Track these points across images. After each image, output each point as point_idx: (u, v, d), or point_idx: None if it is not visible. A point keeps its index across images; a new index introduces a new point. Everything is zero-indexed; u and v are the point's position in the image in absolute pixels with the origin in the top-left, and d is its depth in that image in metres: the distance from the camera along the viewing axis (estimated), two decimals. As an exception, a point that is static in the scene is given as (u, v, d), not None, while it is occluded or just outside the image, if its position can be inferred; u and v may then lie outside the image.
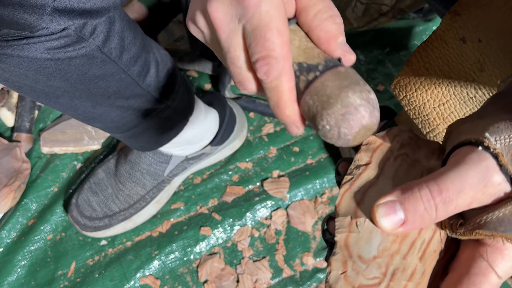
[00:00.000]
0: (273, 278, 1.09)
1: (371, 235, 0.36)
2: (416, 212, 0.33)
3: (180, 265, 1.10)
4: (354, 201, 0.37)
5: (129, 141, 0.97)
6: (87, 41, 0.66)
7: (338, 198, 0.38)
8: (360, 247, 0.35)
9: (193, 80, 1.31)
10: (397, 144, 0.40)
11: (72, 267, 1.10)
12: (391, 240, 0.35)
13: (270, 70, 0.40)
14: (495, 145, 0.32)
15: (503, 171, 0.32)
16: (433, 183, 0.33)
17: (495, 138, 0.33)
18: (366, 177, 0.38)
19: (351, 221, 0.36)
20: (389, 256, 0.35)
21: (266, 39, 0.40)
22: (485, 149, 0.32)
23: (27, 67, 0.65)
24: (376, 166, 0.39)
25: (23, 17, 0.57)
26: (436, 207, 0.32)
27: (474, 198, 0.32)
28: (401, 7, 1.12)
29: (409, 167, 0.39)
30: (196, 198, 1.17)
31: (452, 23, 0.61)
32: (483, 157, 0.32)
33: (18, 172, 1.13)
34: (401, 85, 0.69)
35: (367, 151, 0.39)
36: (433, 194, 0.32)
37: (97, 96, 0.76)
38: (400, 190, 0.34)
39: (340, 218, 0.37)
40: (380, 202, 0.34)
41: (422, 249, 0.36)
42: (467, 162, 0.33)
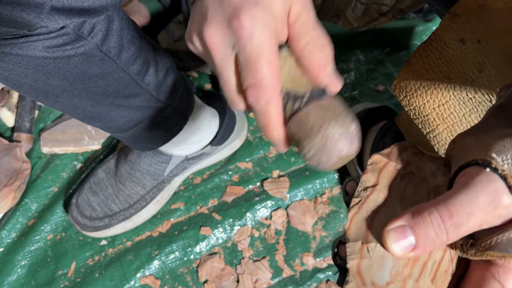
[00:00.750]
0: (273, 278, 1.10)
1: (383, 260, 0.35)
2: (427, 237, 0.33)
3: (180, 265, 1.10)
4: (363, 225, 0.37)
5: (129, 141, 0.97)
6: (86, 39, 0.66)
7: (347, 223, 0.37)
8: (373, 273, 0.35)
9: (193, 80, 1.31)
10: (402, 163, 0.39)
11: (72, 267, 1.10)
12: (403, 264, 0.35)
13: (260, 98, 0.44)
14: (503, 166, 0.32)
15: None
16: (443, 207, 0.32)
17: (502, 158, 0.32)
18: (374, 199, 0.38)
19: (362, 246, 0.36)
20: (402, 280, 0.35)
21: (257, 69, 0.43)
22: (493, 170, 0.32)
23: (26, 65, 0.65)
24: (383, 187, 0.38)
25: (21, 15, 0.57)
26: (447, 231, 0.32)
27: (484, 220, 0.32)
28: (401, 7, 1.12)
29: (415, 186, 0.38)
30: (196, 198, 1.17)
31: (452, 24, 0.61)
32: (492, 179, 0.32)
33: (18, 172, 1.13)
34: (401, 85, 0.69)
35: (373, 171, 0.39)
36: (444, 218, 0.32)
37: (97, 95, 0.76)
38: (410, 214, 0.33)
39: (350, 243, 0.37)
40: (390, 228, 0.34)
41: (433, 271, 0.35)
42: (476, 185, 0.32)
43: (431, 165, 0.39)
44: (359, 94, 1.30)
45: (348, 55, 1.34)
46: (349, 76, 1.32)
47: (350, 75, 1.32)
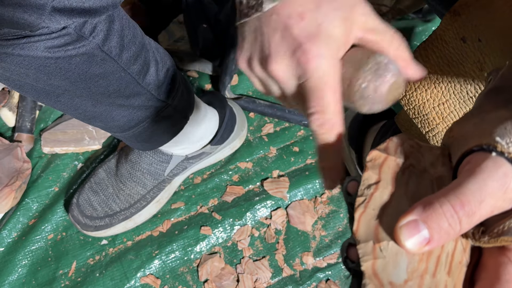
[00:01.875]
0: (273, 278, 1.10)
1: (397, 258, 0.34)
2: (440, 229, 0.32)
3: (180, 265, 1.11)
4: (372, 224, 0.36)
5: (130, 141, 0.97)
6: (87, 39, 0.66)
7: (355, 224, 0.36)
8: (389, 273, 0.34)
9: (193, 80, 1.31)
10: (401, 156, 0.39)
11: (73, 266, 1.10)
12: (418, 259, 0.34)
13: (323, 124, 0.46)
14: (509, 148, 0.32)
15: None
16: (454, 197, 0.32)
17: (506, 141, 0.32)
18: (379, 196, 0.37)
19: (374, 246, 0.35)
20: (419, 277, 0.34)
21: (322, 98, 0.45)
22: (499, 154, 0.32)
23: (27, 66, 0.65)
24: (387, 183, 0.38)
25: (23, 16, 0.57)
26: (460, 221, 0.32)
27: (495, 206, 0.32)
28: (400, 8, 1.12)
29: (418, 179, 0.38)
30: (196, 198, 1.17)
31: (452, 23, 0.62)
32: (500, 163, 0.32)
33: (19, 172, 1.13)
34: (401, 84, 0.70)
35: (374, 168, 0.39)
36: (456, 208, 0.32)
37: (98, 95, 0.76)
38: (421, 207, 0.33)
39: (361, 245, 0.35)
40: (402, 223, 0.33)
41: (448, 263, 0.35)
42: (484, 171, 0.32)
43: (430, 155, 0.39)
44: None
45: (348, 56, 1.35)
46: (349, 76, 1.32)
47: (349, 75, 1.32)
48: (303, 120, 1.25)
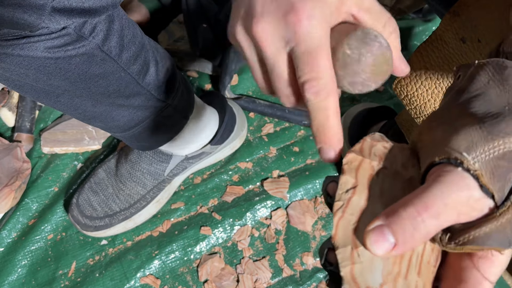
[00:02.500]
0: (273, 278, 1.10)
1: (373, 262, 0.35)
2: (405, 232, 0.33)
3: (180, 265, 1.10)
4: (350, 230, 0.37)
5: (130, 141, 0.97)
6: (87, 39, 0.66)
7: (333, 229, 0.37)
8: (366, 277, 0.35)
9: (193, 80, 1.31)
10: (375, 158, 0.39)
11: (73, 266, 1.10)
12: (392, 262, 0.35)
13: (320, 91, 0.42)
14: (474, 165, 0.33)
15: (483, 191, 0.33)
16: (418, 200, 0.33)
17: (472, 156, 0.33)
18: (356, 201, 0.38)
19: (351, 251, 0.36)
20: (393, 280, 0.35)
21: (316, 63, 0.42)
22: (465, 170, 0.33)
23: (27, 66, 0.65)
24: (363, 187, 0.38)
25: (23, 17, 0.57)
26: (424, 222, 0.32)
27: (461, 212, 0.33)
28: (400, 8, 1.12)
29: (391, 181, 0.38)
30: (196, 198, 1.17)
31: (452, 23, 0.62)
32: (464, 175, 0.33)
33: (19, 172, 1.13)
34: (402, 84, 0.70)
35: (351, 172, 0.39)
36: (420, 210, 0.32)
37: (97, 95, 0.76)
38: (385, 214, 0.34)
39: (340, 250, 0.36)
40: (369, 229, 0.34)
41: (418, 264, 0.36)
42: (448, 181, 0.33)
43: (401, 156, 0.39)
44: (359, 94, 1.30)
45: (348, 55, 1.34)
46: (349, 76, 1.32)
47: (350, 75, 1.32)
48: (303, 120, 1.24)
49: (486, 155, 0.33)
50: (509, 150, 0.33)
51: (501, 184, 0.33)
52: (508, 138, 0.33)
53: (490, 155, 0.33)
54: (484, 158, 0.33)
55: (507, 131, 0.33)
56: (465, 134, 0.34)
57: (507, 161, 0.33)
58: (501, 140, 0.33)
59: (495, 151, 0.33)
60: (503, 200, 0.33)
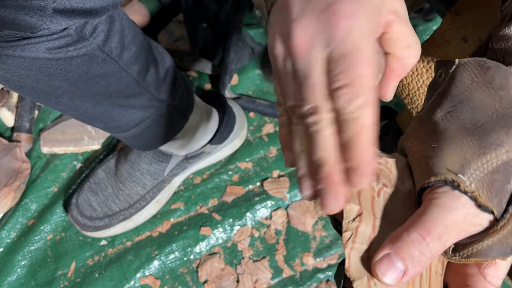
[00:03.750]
0: (273, 278, 1.09)
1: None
2: (413, 258, 0.33)
3: (180, 265, 1.10)
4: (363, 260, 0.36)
5: (130, 141, 0.97)
6: (88, 40, 0.66)
7: (346, 261, 0.36)
8: None
9: (193, 80, 1.31)
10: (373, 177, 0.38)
11: (72, 267, 1.10)
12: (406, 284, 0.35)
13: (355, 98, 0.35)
14: (471, 185, 0.33)
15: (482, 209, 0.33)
16: (419, 225, 0.33)
17: (468, 176, 0.33)
18: (364, 229, 0.37)
19: (368, 282, 0.35)
20: None
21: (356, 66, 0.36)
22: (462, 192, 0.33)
23: (28, 67, 0.65)
24: (368, 212, 0.37)
25: (24, 18, 0.57)
26: (429, 246, 0.33)
27: (461, 229, 0.34)
28: (401, 7, 1.12)
29: (392, 199, 0.38)
30: (196, 198, 1.17)
31: (453, 23, 0.61)
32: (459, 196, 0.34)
33: (18, 172, 1.13)
34: (403, 83, 0.70)
35: (353, 199, 0.37)
36: (423, 234, 0.33)
37: (98, 95, 0.76)
38: (390, 241, 0.34)
39: (357, 282, 0.35)
40: (377, 259, 0.34)
41: (428, 277, 0.36)
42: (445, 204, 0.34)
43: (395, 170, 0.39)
44: (359, 94, 1.30)
45: (348, 55, 1.34)
46: (349, 76, 1.32)
47: (350, 75, 1.32)
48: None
49: (480, 172, 0.33)
50: (502, 162, 0.33)
51: (499, 199, 0.33)
52: (500, 150, 0.33)
53: (484, 171, 0.33)
54: (479, 175, 0.33)
55: (498, 142, 0.34)
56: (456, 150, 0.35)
57: (502, 174, 0.33)
58: (493, 153, 0.34)
59: (489, 165, 0.34)
60: (502, 213, 0.34)
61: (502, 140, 0.34)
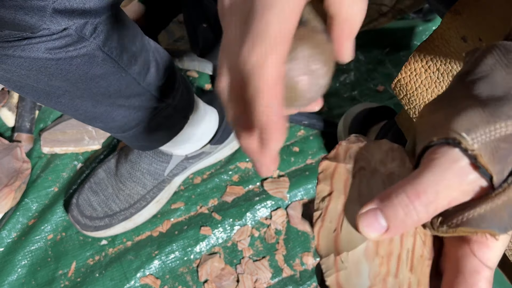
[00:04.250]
0: (273, 278, 1.10)
1: (358, 266, 0.35)
2: (396, 218, 0.33)
3: (180, 265, 1.10)
4: (331, 237, 0.36)
5: (130, 141, 0.97)
6: (88, 40, 0.66)
7: (315, 239, 0.36)
8: (353, 283, 0.35)
9: (193, 80, 1.31)
10: (350, 160, 0.39)
11: (73, 266, 1.10)
12: (378, 263, 0.35)
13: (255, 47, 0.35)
14: (473, 145, 0.32)
15: (481, 172, 0.32)
16: (410, 187, 0.33)
17: (472, 137, 0.32)
18: (334, 208, 0.37)
19: (335, 258, 0.35)
20: (382, 281, 0.34)
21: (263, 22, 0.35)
22: (462, 151, 0.32)
23: (28, 67, 0.65)
24: (339, 192, 0.37)
25: (24, 19, 0.57)
26: (416, 210, 0.32)
27: (453, 197, 0.32)
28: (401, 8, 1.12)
29: (369, 180, 0.38)
30: (196, 198, 1.17)
31: (453, 22, 0.62)
32: (459, 157, 0.32)
33: (19, 172, 1.13)
34: (401, 84, 0.70)
35: (326, 180, 0.38)
36: (411, 198, 0.32)
37: (98, 95, 0.76)
38: (379, 198, 0.34)
39: (324, 259, 0.35)
40: (362, 212, 0.34)
41: (409, 260, 0.35)
42: (443, 164, 0.32)
43: (378, 153, 0.39)
44: (359, 94, 1.30)
45: (348, 55, 1.34)
46: (349, 76, 1.32)
47: (350, 75, 1.32)
48: (303, 120, 1.24)
49: (487, 137, 0.32)
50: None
51: (501, 167, 0.32)
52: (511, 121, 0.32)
53: (491, 137, 0.32)
54: (485, 139, 0.32)
55: (510, 114, 0.32)
56: (466, 115, 0.33)
57: (509, 144, 0.32)
58: (503, 123, 0.32)
59: (497, 133, 0.32)
60: (501, 182, 0.32)
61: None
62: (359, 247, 0.35)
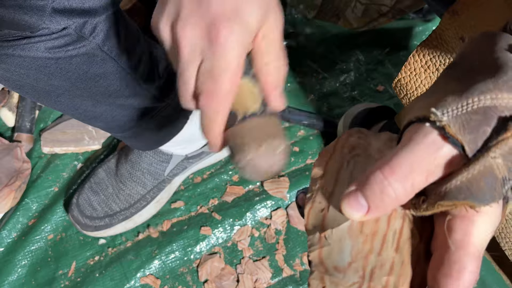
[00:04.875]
0: (273, 278, 1.10)
1: (341, 243, 0.35)
2: (374, 196, 0.33)
3: (180, 265, 1.10)
4: (319, 216, 0.37)
5: (130, 141, 0.97)
6: (87, 39, 0.66)
7: (305, 219, 0.38)
8: (334, 258, 0.35)
9: (193, 80, 1.31)
10: (347, 149, 0.39)
11: (73, 266, 1.10)
12: (362, 241, 0.35)
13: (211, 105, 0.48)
14: (442, 118, 0.32)
15: (451, 142, 0.32)
16: (385, 165, 0.33)
17: (442, 111, 0.32)
18: (324, 190, 0.38)
19: (320, 235, 0.36)
20: (363, 257, 0.35)
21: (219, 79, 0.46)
22: (431, 124, 0.32)
23: (28, 66, 0.65)
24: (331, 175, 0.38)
25: (24, 18, 0.57)
26: (392, 186, 0.32)
27: (429, 171, 0.32)
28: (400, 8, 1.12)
29: (362, 165, 0.38)
30: (196, 198, 1.17)
31: (451, 23, 0.62)
32: (428, 131, 0.32)
33: (19, 172, 1.13)
34: (402, 83, 0.70)
35: (320, 165, 0.40)
36: (385, 174, 0.32)
37: (98, 95, 0.76)
38: (359, 179, 0.34)
39: (310, 237, 0.37)
40: (345, 194, 0.34)
41: (395, 240, 0.35)
42: (414, 139, 0.33)
43: (377, 143, 0.39)
44: (359, 94, 1.30)
45: (348, 55, 1.35)
46: (349, 76, 1.32)
47: (350, 75, 1.32)
48: (303, 120, 1.24)
49: (458, 111, 0.32)
50: (484, 106, 0.32)
51: (473, 136, 0.32)
52: (484, 95, 0.32)
53: (463, 111, 0.32)
54: (456, 113, 0.32)
55: (483, 89, 0.32)
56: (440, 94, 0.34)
57: (481, 116, 0.32)
58: (476, 97, 0.32)
59: (469, 106, 0.32)
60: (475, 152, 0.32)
61: (488, 87, 0.32)
62: (343, 225, 0.36)
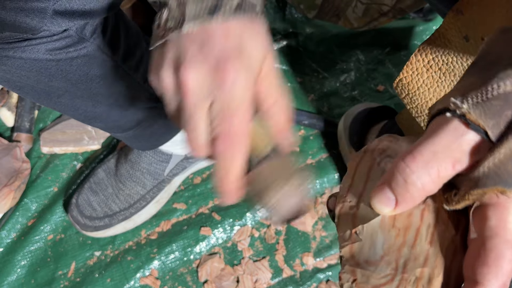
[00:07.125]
0: (273, 278, 1.09)
1: (373, 238, 0.35)
2: (399, 187, 0.32)
3: (180, 265, 1.10)
4: (350, 214, 0.37)
5: (130, 141, 0.97)
6: (88, 41, 0.66)
7: (336, 219, 0.38)
8: (365, 252, 0.35)
9: (193, 80, 1.31)
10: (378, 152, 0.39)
11: (72, 267, 1.10)
12: (394, 235, 0.35)
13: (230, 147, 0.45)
14: (462, 106, 0.32)
15: (473, 128, 0.31)
16: (407, 154, 0.33)
17: (462, 99, 0.32)
18: (354, 189, 0.38)
19: (351, 232, 0.36)
20: (396, 250, 0.35)
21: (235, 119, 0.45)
22: (452, 113, 0.32)
23: (28, 68, 0.65)
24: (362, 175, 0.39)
25: (25, 20, 0.57)
26: (414, 174, 0.32)
27: (454, 158, 0.32)
28: (401, 7, 1.12)
29: None
30: (196, 198, 1.17)
31: (455, 22, 0.61)
32: (450, 120, 0.32)
33: (18, 172, 1.13)
34: (403, 83, 0.69)
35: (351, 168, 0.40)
36: (407, 162, 0.32)
37: (98, 95, 0.76)
38: (385, 174, 0.34)
39: (341, 234, 0.37)
40: (373, 190, 0.34)
41: (429, 234, 0.35)
42: (436, 130, 0.33)
43: (407, 145, 0.39)
44: (359, 94, 1.30)
45: (348, 55, 1.34)
46: (349, 76, 1.32)
47: (350, 75, 1.32)
48: (303, 120, 1.24)
49: (478, 98, 0.32)
50: (505, 92, 0.31)
51: (496, 121, 0.31)
52: (504, 81, 0.32)
53: (484, 98, 0.32)
54: (476, 100, 0.32)
55: (503, 76, 0.32)
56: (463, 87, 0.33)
57: (502, 101, 0.31)
58: (495, 84, 0.32)
59: (489, 93, 0.32)
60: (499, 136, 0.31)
61: (507, 74, 0.32)
62: (374, 220, 0.36)
